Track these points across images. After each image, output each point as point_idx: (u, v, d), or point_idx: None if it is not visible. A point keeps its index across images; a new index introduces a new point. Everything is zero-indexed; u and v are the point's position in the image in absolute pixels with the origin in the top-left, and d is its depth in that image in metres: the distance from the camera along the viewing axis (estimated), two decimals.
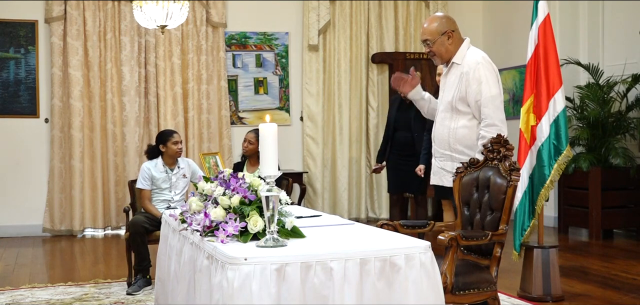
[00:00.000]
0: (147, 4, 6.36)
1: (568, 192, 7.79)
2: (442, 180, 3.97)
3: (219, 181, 2.87)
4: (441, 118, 3.92)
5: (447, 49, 3.87)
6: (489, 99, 3.78)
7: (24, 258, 6.79)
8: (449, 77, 3.91)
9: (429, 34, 3.86)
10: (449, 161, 3.90)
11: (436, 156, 4.00)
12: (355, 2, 9.15)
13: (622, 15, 7.87)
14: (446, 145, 3.89)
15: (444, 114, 3.90)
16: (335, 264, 2.39)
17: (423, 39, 3.90)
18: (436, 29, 3.85)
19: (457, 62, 3.88)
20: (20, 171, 8.21)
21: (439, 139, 3.94)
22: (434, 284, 2.54)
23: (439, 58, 3.90)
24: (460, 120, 3.84)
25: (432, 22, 3.89)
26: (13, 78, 8.18)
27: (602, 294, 4.96)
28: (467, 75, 3.79)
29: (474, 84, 3.77)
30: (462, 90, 3.81)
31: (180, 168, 5.58)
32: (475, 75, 3.77)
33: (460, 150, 3.85)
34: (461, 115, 3.84)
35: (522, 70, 8.23)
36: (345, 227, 3.10)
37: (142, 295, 5.05)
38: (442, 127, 3.91)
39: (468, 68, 3.81)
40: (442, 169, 3.95)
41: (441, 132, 3.92)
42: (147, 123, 8.48)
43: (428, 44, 3.87)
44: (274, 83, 9.06)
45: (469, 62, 3.83)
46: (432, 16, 3.98)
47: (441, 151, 3.93)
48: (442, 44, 3.85)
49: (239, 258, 2.33)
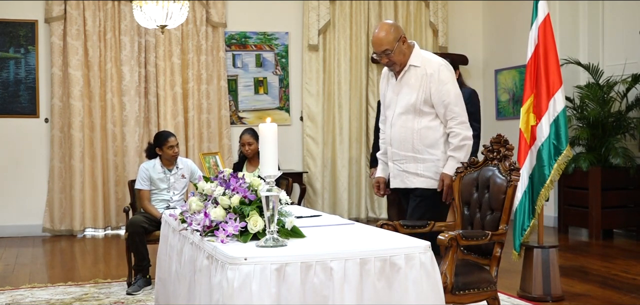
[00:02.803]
0: (147, 3, 6.36)
1: (568, 192, 7.79)
2: (405, 183, 3.93)
3: (219, 181, 2.87)
4: (402, 121, 3.88)
5: (404, 54, 3.85)
6: (456, 98, 3.85)
7: (24, 258, 6.79)
8: (406, 80, 3.88)
9: (387, 43, 3.81)
10: (412, 163, 3.88)
11: (396, 159, 3.94)
12: (355, 2, 9.15)
13: (622, 15, 7.87)
14: (409, 147, 3.87)
15: (404, 117, 3.88)
16: (335, 264, 2.39)
17: (381, 50, 3.82)
18: (393, 37, 3.80)
19: (416, 64, 3.87)
20: (20, 171, 8.21)
21: (399, 141, 3.91)
22: (434, 283, 2.54)
23: (398, 65, 3.87)
24: (423, 121, 3.85)
25: (389, 32, 3.82)
26: (13, 78, 8.18)
27: (602, 293, 4.96)
28: (431, 76, 3.81)
29: (440, 85, 3.80)
30: (427, 91, 3.82)
31: (178, 168, 5.58)
32: (440, 77, 3.81)
33: (424, 150, 3.85)
34: (424, 116, 3.85)
35: (522, 70, 8.23)
36: (345, 227, 3.10)
37: (142, 295, 5.05)
38: (404, 129, 3.88)
39: (432, 70, 3.82)
40: (404, 171, 3.91)
41: (403, 134, 3.88)
42: (147, 123, 8.48)
43: (387, 53, 3.82)
44: (274, 83, 9.06)
45: (432, 64, 3.85)
46: (383, 24, 3.88)
47: (403, 153, 3.90)
48: (400, 51, 3.83)
49: (239, 258, 2.33)
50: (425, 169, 3.87)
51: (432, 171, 3.86)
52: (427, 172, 3.87)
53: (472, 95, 5.60)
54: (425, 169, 3.87)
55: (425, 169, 3.87)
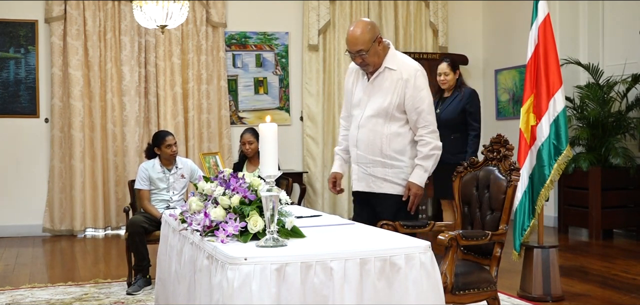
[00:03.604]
0: (147, 3, 6.36)
1: (568, 192, 7.79)
2: (371, 187, 3.83)
3: (219, 181, 2.87)
4: (372, 124, 3.77)
5: (379, 56, 3.72)
6: (430, 107, 3.75)
7: (24, 258, 6.79)
8: (379, 82, 3.76)
9: (363, 43, 3.65)
10: (380, 167, 3.79)
11: (361, 163, 3.83)
12: (355, 2, 9.15)
13: (622, 15, 7.87)
14: (378, 152, 3.77)
15: (374, 120, 3.76)
16: (335, 264, 2.39)
17: (356, 50, 3.67)
18: (369, 37, 3.65)
19: (392, 67, 3.74)
20: (21, 171, 8.21)
21: (367, 145, 3.79)
22: (434, 283, 2.54)
23: (372, 66, 3.74)
24: (393, 126, 3.74)
25: (365, 31, 3.66)
26: (13, 78, 8.18)
27: (602, 293, 4.96)
28: (407, 82, 3.69)
29: (415, 91, 3.69)
30: (401, 96, 3.70)
31: (178, 168, 5.58)
32: (416, 83, 3.70)
33: (393, 156, 3.77)
34: (394, 121, 3.74)
35: (522, 70, 8.23)
36: (345, 227, 3.10)
37: (142, 295, 5.05)
38: (373, 133, 3.76)
39: (408, 75, 3.70)
40: (371, 175, 3.82)
41: (371, 137, 3.77)
42: (147, 123, 8.48)
43: (362, 54, 3.67)
44: (274, 83, 9.06)
45: (408, 69, 3.73)
46: (359, 23, 3.72)
47: (371, 157, 3.79)
48: (375, 52, 3.69)
49: (239, 258, 2.33)
50: (394, 174, 3.78)
51: (400, 177, 3.78)
52: (395, 178, 3.79)
53: (472, 96, 5.62)
54: (393, 175, 3.79)
55: (393, 174, 3.79)
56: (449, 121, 5.57)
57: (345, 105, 4.04)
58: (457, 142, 5.58)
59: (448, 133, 5.62)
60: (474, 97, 5.60)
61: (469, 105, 5.54)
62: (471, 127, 5.53)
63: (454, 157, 5.53)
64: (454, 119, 5.56)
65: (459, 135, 5.58)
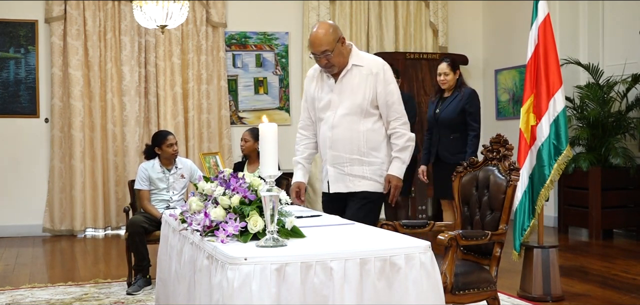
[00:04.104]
0: (147, 3, 6.36)
1: (568, 192, 7.79)
2: (348, 187, 3.80)
3: (219, 181, 2.87)
4: (347, 122, 3.74)
5: (344, 55, 3.72)
6: (400, 98, 3.78)
7: (24, 258, 6.79)
8: (349, 80, 3.75)
9: (327, 44, 3.64)
10: (358, 165, 3.77)
11: (338, 163, 3.80)
12: (355, 2, 9.16)
13: (622, 15, 7.87)
14: (355, 150, 3.75)
15: (350, 118, 3.74)
16: (335, 264, 2.39)
17: (321, 51, 3.65)
18: (333, 37, 3.64)
19: (359, 64, 3.75)
20: (21, 171, 8.21)
21: (344, 144, 3.76)
22: (434, 283, 2.54)
23: (337, 67, 3.73)
24: (368, 122, 3.75)
25: (328, 32, 3.65)
26: (13, 78, 8.18)
27: (602, 293, 4.96)
28: (376, 76, 3.71)
29: (386, 85, 3.72)
30: (374, 91, 3.72)
31: (178, 168, 5.58)
32: (385, 77, 3.73)
33: (369, 153, 3.77)
34: (369, 117, 3.75)
35: (522, 70, 8.23)
36: (345, 227, 3.10)
37: (142, 295, 5.05)
38: (349, 131, 3.74)
39: (377, 70, 3.73)
40: (348, 174, 3.79)
41: (348, 136, 3.75)
42: (147, 123, 8.48)
43: (327, 54, 3.65)
44: (274, 83, 9.06)
45: (375, 64, 3.76)
46: (322, 24, 3.71)
47: (348, 156, 3.77)
48: (339, 52, 3.69)
49: (239, 258, 2.33)
50: (372, 172, 3.77)
51: (377, 174, 3.78)
52: (374, 175, 3.78)
53: (472, 96, 5.61)
54: (371, 172, 3.77)
55: (371, 172, 3.77)
56: (448, 121, 5.57)
57: (306, 112, 4.00)
58: (457, 142, 5.58)
59: (447, 133, 5.62)
60: (473, 97, 5.60)
61: (469, 106, 5.54)
62: (470, 127, 5.53)
63: (453, 157, 5.54)
64: (454, 119, 5.56)
65: (458, 135, 5.58)
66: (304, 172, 4.00)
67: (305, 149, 4.00)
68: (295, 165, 4.01)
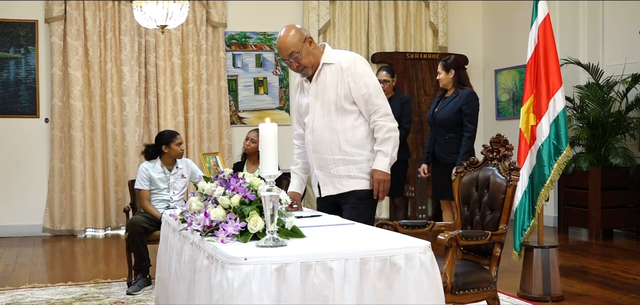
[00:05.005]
0: (147, 4, 6.36)
1: (568, 192, 7.79)
2: (338, 188, 3.73)
3: (219, 181, 2.87)
4: (325, 122, 3.68)
5: (314, 55, 3.65)
6: (376, 90, 3.66)
7: (24, 258, 6.79)
8: (322, 80, 3.68)
9: (293, 45, 3.58)
10: (342, 165, 3.70)
11: (323, 166, 3.74)
12: (355, 2, 9.16)
13: (622, 15, 7.87)
14: (336, 149, 3.68)
15: (327, 117, 3.68)
16: (335, 264, 2.39)
17: (288, 54, 3.60)
18: (298, 38, 3.59)
19: (329, 61, 3.68)
20: (21, 171, 8.21)
21: (325, 144, 3.70)
22: (434, 283, 2.54)
23: (310, 67, 3.67)
24: (347, 120, 3.67)
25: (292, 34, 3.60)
26: (13, 78, 8.18)
27: (602, 293, 4.97)
28: (347, 70, 3.63)
29: (357, 78, 3.62)
30: (346, 87, 3.63)
31: (178, 168, 5.58)
32: (356, 70, 3.63)
33: (352, 152, 3.69)
34: (348, 115, 3.66)
35: (522, 70, 8.23)
36: (345, 227, 3.10)
37: (142, 295, 5.05)
38: (328, 131, 3.68)
39: (347, 64, 3.64)
40: (336, 175, 3.72)
41: (327, 136, 3.68)
42: (147, 123, 8.49)
43: (296, 57, 3.60)
44: (274, 83, 9.06)
45: (346, 59, 3.68)
46: (287, 27, 3.64)
47: (330, 157, 3.70)
48: (308, 52, 3.62)
49: (239, 258, 2.33)
50: (358, 170, 3.70)
51: (365, 171, 3.70)
52: (360, 172, 3.70)
53: (469, 97, 5.61)
54: (357, 170, 3.70)
55: (357, 170, 3.70)
56: (444, 121, 5.58)
57: (297, 121, 3.99)
58: (452, 142, 5.58)
59: (443, 132, 5.64)
60: (470, 99, 5.59)
61: (465, 106, 5.54)
62: (465, 128, 5.53)
63: (448, 157, 5.55)
64: (450, 119, 5.56)
65: (453, 136, 5.58)
66: (300, 181, 3.98)
67: (299, 158, 4.00)
68: (292, 174, 4.00)
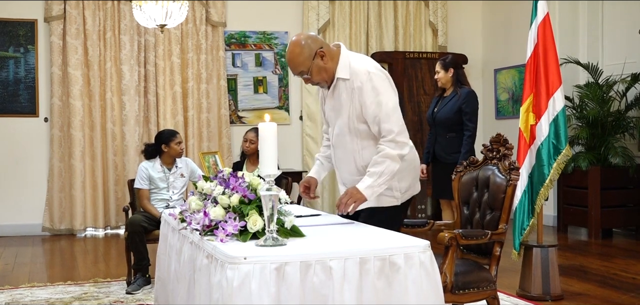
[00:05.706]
0: (146, 3, 6.35)
1: (567, 192, 7.79)
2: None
3: (219, 180, 2.87)
4: (342, 143, 3.43)
5: (327, 69, 3.29)
6: (388, 112, 3.26)
7: (23, 257, 6.79)
8: (337, 96, 3.36)
9: (301, 65, 3.24)
10: None
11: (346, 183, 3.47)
12: (354, 2, 9.15)
13: (622, 15, 7.87)
14: (354, 170, 3.42)
15: (342, 138, 3.41)
16: (334, 263, 2.39)
17: (297, 72, 3.30)
18: (307, 55, 3.23)
19: (344, 76, 3.30)
20: (20, 170, 8.21)
21: (343, 164, 3.49)
22: (434, 283, 2.54)
23: (324, 82, 3.34)
24: (361, 140, 3.37)
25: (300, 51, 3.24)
26: (12, 77, 8.18)
27: (601, 293, 4.97)
28: (360, 90, 3.25)
29: (370, 97, 3.24)
30: (358, 107, 3.29)
31: (178, 168, 5.58)
32: (370, 87, 3.24)
33: None
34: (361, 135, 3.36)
35: (521, 70, 8.23)
36: (345, 226, 3.10)
37: (142, 295, 5.05)
38: (345, 151, 3.43)
39: (360, 82, 3.25)
40: None
41: (345, 156, 3.45)
42: (146, 122, 8.48)
43: (306, 76, 3.29)
44: (274, 82, 9.06)
45: (359, 74, 3.27)
46: (293, 43, 3.28)
47: (350, 177, 3.44)
48: (319, 69, 3.26)
49: (238, 257, 2.33)
50: None
51: None
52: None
53: (469, 96, 5.61)
54: None
55: None
56: (445, 120, 5.58)
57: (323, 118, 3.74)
58: (453, 141, 5.58)
59: (444, 132, 5.64)
60: (470, 98, 5.59)
61: (465, 105, 5.54)
62: (465, 127, 5.53)
63: (449, 157, 5.55)
64: (450, 119, 5.56)
65: (454, 135, 5.58)
66: (320, 168, 3.69)
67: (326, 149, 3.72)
68: (315, 159, 3.77)
